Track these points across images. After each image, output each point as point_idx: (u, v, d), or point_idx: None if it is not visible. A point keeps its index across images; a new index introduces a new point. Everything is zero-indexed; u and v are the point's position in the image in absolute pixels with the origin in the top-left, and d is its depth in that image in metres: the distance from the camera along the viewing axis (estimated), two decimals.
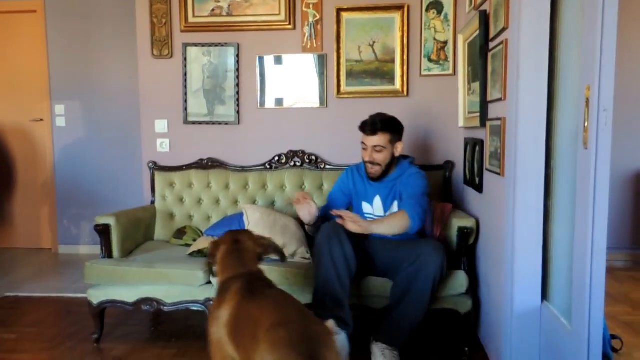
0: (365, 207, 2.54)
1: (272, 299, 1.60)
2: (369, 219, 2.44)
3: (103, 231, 2.71)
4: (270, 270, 2.46)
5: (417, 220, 2.24)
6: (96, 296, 2.59)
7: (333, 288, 2.22)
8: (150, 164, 3.34)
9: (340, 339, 2.17)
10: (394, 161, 2.47)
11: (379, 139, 2.39)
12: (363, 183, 2.55)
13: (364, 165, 2.50)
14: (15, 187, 4.72)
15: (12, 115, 4.64)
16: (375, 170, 2.44)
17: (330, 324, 1.99)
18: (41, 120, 4.56)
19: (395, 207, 2.45)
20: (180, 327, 2.85)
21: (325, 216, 2.51)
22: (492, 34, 2.33)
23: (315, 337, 1.37)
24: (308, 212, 2.39)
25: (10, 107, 4.64)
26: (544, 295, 2.01)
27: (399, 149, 2.46)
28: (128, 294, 2.58)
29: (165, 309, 2.57)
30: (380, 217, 2.48)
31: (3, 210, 4.73)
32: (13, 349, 2.59)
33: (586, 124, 1.44)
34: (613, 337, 2.29)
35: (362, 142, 2.47)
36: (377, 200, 2.49)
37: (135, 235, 2.96)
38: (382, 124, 2.40)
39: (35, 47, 4.48)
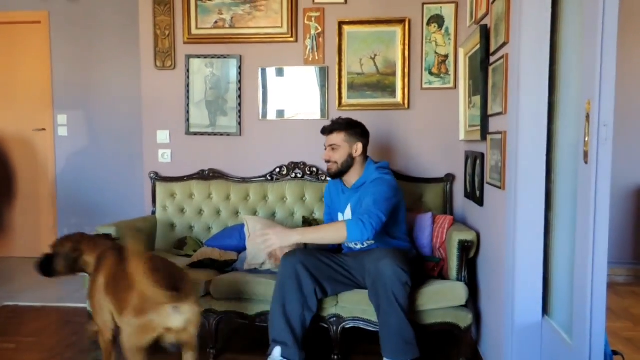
0: (340, 217, 2.56)
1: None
2: (353, 245, 2.49)
3: None
4: (269, 285, 2.46)
5: (357, 230, 2.16)
6: None
7: (278, 320, 2.30)
8: (152, 174, 3.35)
9: None
10: (355, 162, 2.50)
11: (334, 138, 2.50)
12: (338, 194, 2.60)
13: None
14: (16, 196, 4.73)
15: (15, 125, 4.66)
16: (331, 167, 2.52)
17: (277, 351, 2.27)
18: (43, 129, 4.58)
19: None
20: None
21: None
22: (492, 48, 2.35)
23: (177, 274, 1.96)
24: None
25: (13, 116, 4.66)
26: (545, 310, 2.00)
27: (359, 150, 2.50)
28: None
29: None
30: None
31: (4, 219, 4.73)
32: (12, 358, 2.58)
33: (586, 139, 1.45)
34: (614, 352, 2.25)
35: (324, 144, 2.55)
36: (348, 210, 2.50)
37: None
38: (338, 125, 2.53)
39: (39, 57, 4.51)
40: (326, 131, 2.55)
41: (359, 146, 2.50)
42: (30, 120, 4.63)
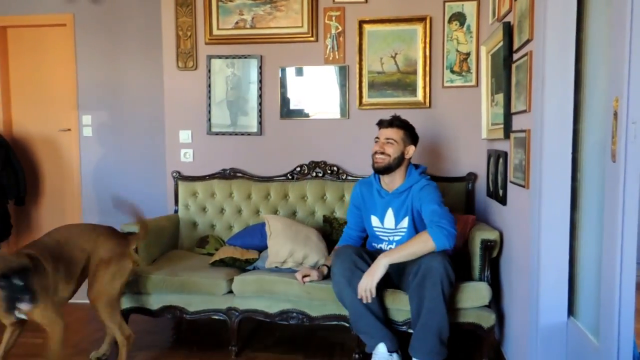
0: (374, 220, 2.53)
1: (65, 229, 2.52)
2: (384, 246, 2.49)
3: None
4: (291, 284, 2.48)
5: (443, 237, 2.18)
6: (120, 303, 2.63)
7: (367, 320, 2.28)
8: (174, 174, 3.39)
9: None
10: (403, 163, 2.47)
11: (393, 132, 2.46)
12: (372, 196, 2.55)
13: (372, 158, 2.49)
14: (43, 195, 4.83)
15: (41, 125, 4.76)
16: (382, 159, 2.44)
17: (382, 347, 2.25)
18: (69, 130, 4.67)
19: (405, 222, 2.44)
20: (202, 335, 2.87)
21: (357, 235, 2.63)
22: (516, 45, 2.32)
23: (97, 228, 2.44)
24: (317, 276, 2.50)
25: (39, 117, 4.76)
26: (571, 310, 1.97)
27: (410, 152, 2.48)
28: (151, 302, 2.61)
29: (188, 317, 2.60)
30: (389, 230, 2.48)
31: (32, 217, 4.84)
32: (40, 353, 2.64)
33: (614, 137, 1.42)
34: None
35: (376, 137, 2.50)
36: (390, 214, 2.47)
37: (159, 243, 3.00)
38: (399, 121, 2.50)
39: (64, 59, 4.60)
40: (384, 124, 2.51)
41: (411, 149, 2.49)
42: (56, 120, 4.72)
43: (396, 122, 2.49)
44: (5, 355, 2.32)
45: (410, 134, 2.51)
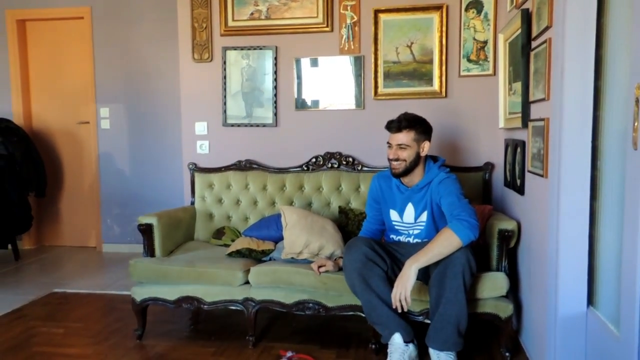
0: (393, 214, 2.51)
1: None
2: (403, 238, 2.48)
3: (145, 230, 2.79)
4: (307, 275, 2.49)
5: (466, 229, 2.14)
6: (139, 294, 2.67)
7: (381, 311, 2.27)
8: (190, 166, 3.42)
9: (410, 350, 2.26)
10: (420, 161, 2.43)
11: (403, 137, 2.38)
12: (391, 190, 2.52)
13: (389, 164, 2.46)
14: (63, 187, 4.92)
15: (60, 118, 4.84)
16: (398, 165, 2.40)
17: (397, 338, 2.25)
18: (87, 122, 4.73)
19: (424, 216, 2.42)
20: (219, 325, 2.90)
21: (376, 229, 2.62)
22: (534, 33, 2.28)
23: None
24: (332, 267, 2.51)
25: (58, 110, 4.84)
26: (590, 300, 1.95)
27: (425, 148, 2.42)
28: (169, 292, 2.64)
29: (205, 307, 2.62)
30: (407, 224, 2.47)
31: (52, 209, 4.93)
32: (61, 343, 2.70)
33: (636, 124, 1.39)
34: None
35: (388, 142, 2.45)
36: (410, 208, 2.45)
37: (176, 234, 3.03)
38: (407, 122, 2.40)
39: (82, 52, 4.66)
40: (393, 129, 2.41)
41: (427, 145, 2.42)
42: (74, 113, 4.79)
43: (404, 124, 2.38)
44: None
45: (423, 130, 2.42)
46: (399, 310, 2.21)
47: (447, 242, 2.16)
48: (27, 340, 2.72)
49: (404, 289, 2.16)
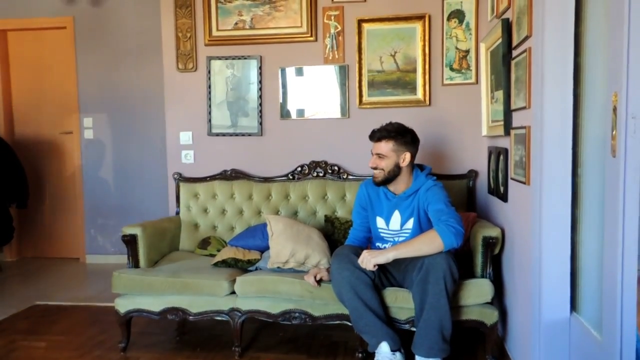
0: (379, 221, 2.52)
1: None
2: (389, 246, 2.46)
3: (130, 241, 2.76)
4: (293, 284, 2.48)
5: (451, 235, 2.17)
6: (123, 305, 2.64)
7: (368, 320, 2.28)
8: (175, 175, 3.40)
9: (397, 359, 2.26)
10: (401, 171, 2.43)
11: (382, 147, 2.42)
12: (378, 197, 2.53)
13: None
14: (46, 197, 4.85)
15: (43, 128, 4.78)
16: (378, 173, 2.44)
17: (384, 346, 2.25)
18: (70, 132, 4.68)
19: (410, 223, 2.43)
20: (205, 336, 2.87)
21: (363, 236, 2.62)
22: (515, 42, 2.32)
23: None
24: (327, 276, 2.50)
25: (41, 120, 4.78)
26: (573, 306, 1.97)
27: (407, 159, 2.41)
28: (154, 303, 2.61)
29: (191, 318, 2.60)
30: (393, 231, 2.48)
31: (34, 220, 4.85)
32: (43, 356, 2.65)
33: (614, 132, 1.42)
34: None
35: (371, 150, 2.49)
36: (396, 216, 2.46)
37: (161, 245, 3.00)
38: (387, 132, 2.42)
39: (65, 61, 4.62)
40: (374, 138, 2.45)
41: (407, 156, 2.42)
42: (57, 123, 4.74)
43: (384, 134, 2.41)
44: None
45: (405, 141, 2.42)
46: (362, 266, 2.26)
47: (430, 241, 2.20)
48: (6, 355, 2.66)
49: (373, 257, 2.24)
